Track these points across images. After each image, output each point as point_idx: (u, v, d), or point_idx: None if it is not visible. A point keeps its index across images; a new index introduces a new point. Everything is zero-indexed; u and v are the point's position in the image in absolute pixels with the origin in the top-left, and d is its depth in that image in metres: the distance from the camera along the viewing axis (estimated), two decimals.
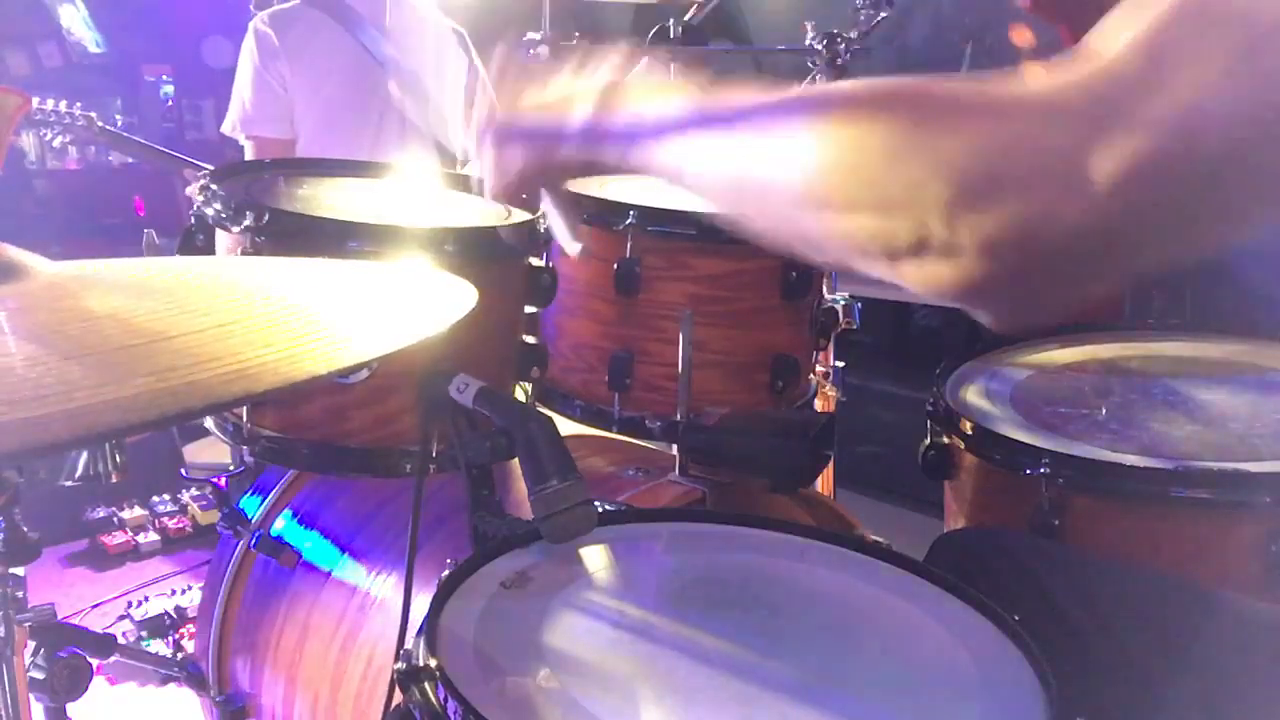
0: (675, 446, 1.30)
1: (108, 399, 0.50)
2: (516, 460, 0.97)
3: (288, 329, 0.62)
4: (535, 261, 1.23)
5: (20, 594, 1.07)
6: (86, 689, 1.13)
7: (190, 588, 2.79)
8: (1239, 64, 0.48)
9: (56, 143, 2.65)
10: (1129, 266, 0.56)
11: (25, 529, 1.05)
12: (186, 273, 0.77)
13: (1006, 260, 0.53)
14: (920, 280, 0.57)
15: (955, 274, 0.55)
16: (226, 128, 2.46)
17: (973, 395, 1.42)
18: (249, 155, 2.39)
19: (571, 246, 0.91)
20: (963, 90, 0.56)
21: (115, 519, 3.17)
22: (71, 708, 1.12)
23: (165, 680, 1.99)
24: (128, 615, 2.66)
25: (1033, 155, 0.52)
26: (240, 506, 1.45)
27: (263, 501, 1.44)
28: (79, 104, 2.70)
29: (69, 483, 1.13)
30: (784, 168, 0.60)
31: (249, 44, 2.39)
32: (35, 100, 2.55)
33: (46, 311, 0.64)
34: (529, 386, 1.32)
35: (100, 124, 2.72)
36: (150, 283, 0.74)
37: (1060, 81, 0.52)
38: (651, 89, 0.74)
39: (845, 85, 0.61)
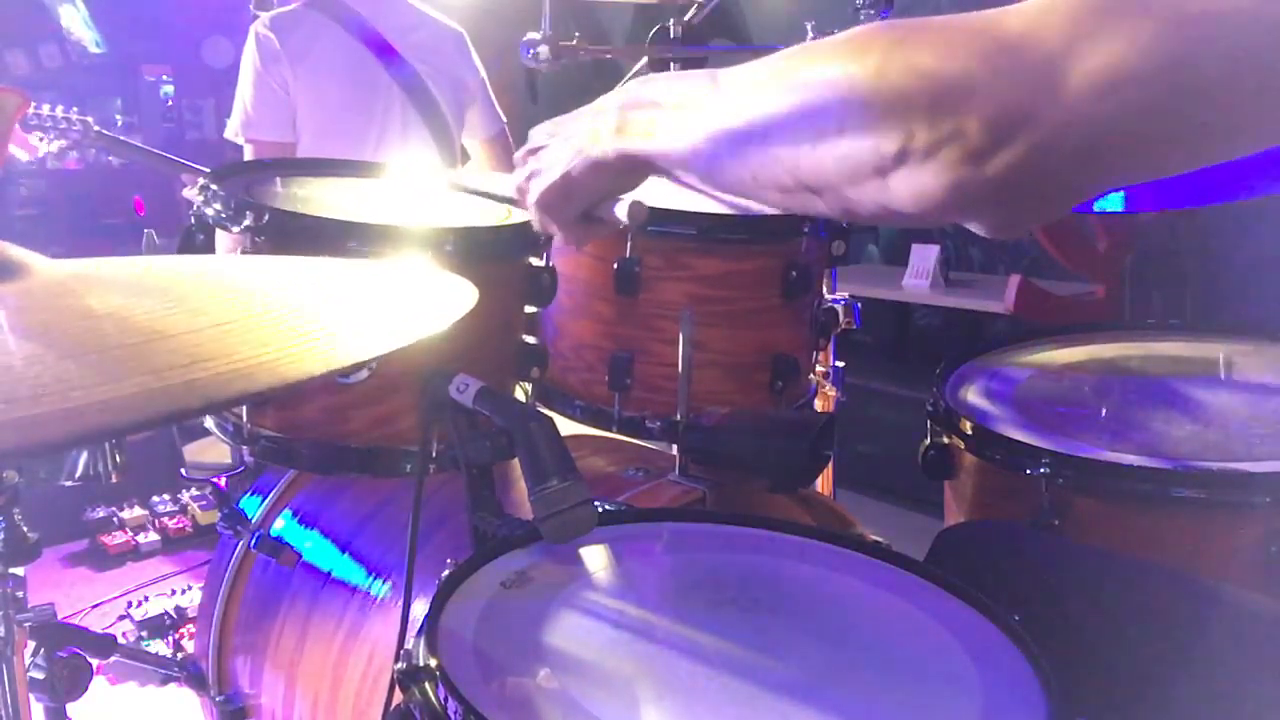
0: (675, 446, 1.30)
1: (104, 398, 0.50)
2: (516, 460, 0.97)
3: (286, 328, 0.62)
4: (535, 261, 1.23)
5: (20, 594, 1.07)
6: (86, 689, 1.13)
7: (190, 588, 2.79)
8: None
9: (54, 148, 2.64)
10: (1121, 174, 0.57)
11: (25, 529, 1.06)
12: (186, 272, 0.77)
13: (989, 160, 0.54)
14: (910, 193, 0.58)
15: (941, 180, 0.56)
16: (229, 133, 2.46)
17: (973, 395, 1.42)
18: (249, 159, 2.39)
19: (628, 212, 0.90)
20: (951, 16, 0.58)
21: (115, 519, 3.18)
22: (71, 708, 1.13)
23: (165, 680, 1.98)
24: (128, 615, 2.66)
25: (1015, 52, 0.53)
26: (240, 506, 1.45)
27: (263, 501, 1.44)
28: (75, 109, 2.69)
29: (69, 483, 1.13)
30: (779, 109, 0.63)
31: (250, 48, 2.39)
32: (31, 106, 2.54)
33: (46, 310, 0.64)
34: (529, 386, 1.32)
35: (97, 129, 2.71)
36: (149, 281, 0.74)
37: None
38: (672, 81, 0.77)
39: (827, 38, 0.63)
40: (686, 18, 1.84)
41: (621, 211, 0.87)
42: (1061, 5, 0.53)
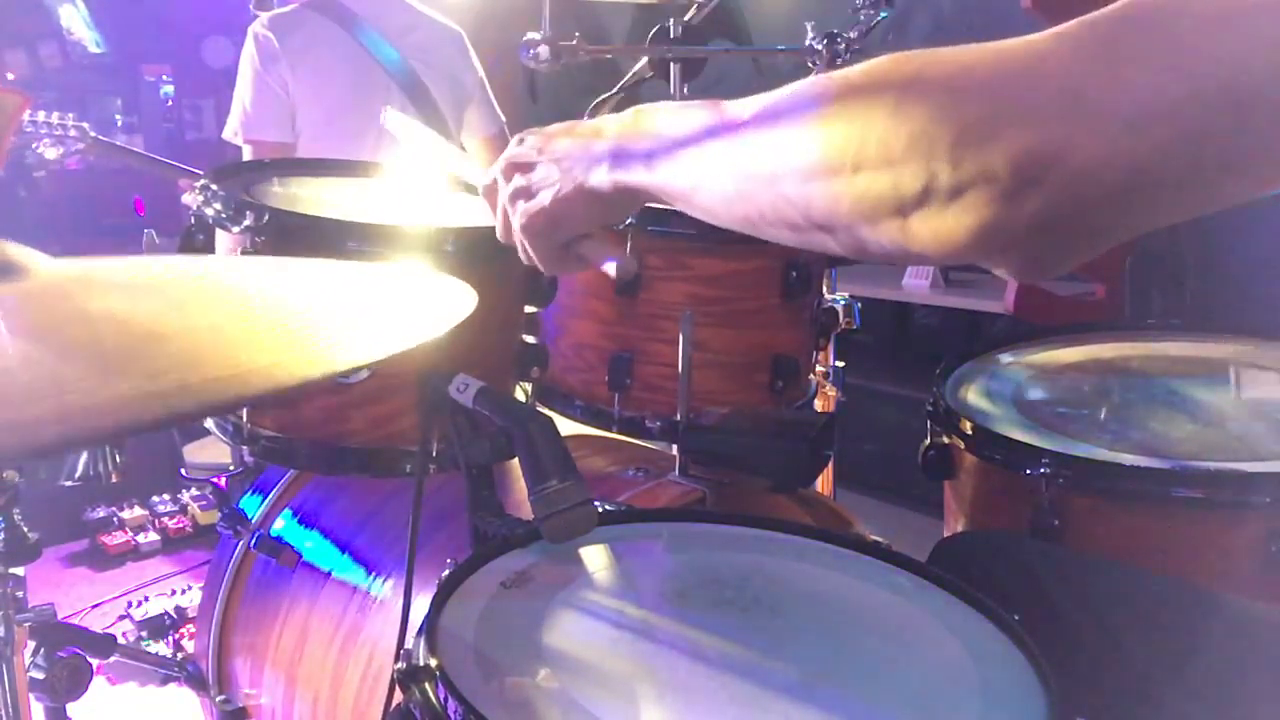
0: (675, 446, 1.30)
1: (99, 400, 0.50)
2: (516, 460, 0.96)
3: (284, 331, 0.62)
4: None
5: (20, 594, 1.07)
6: (86, 689, 1.13)
7: (190, 588, 2.79)
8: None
9: (51, 154, 2.64)
10: (1157, 213, 0.53)
11: (25, 529, 1.06)
12: (185, 272, 0.77)
13: (1015, 201, 0.51)
14: (932, 235, 0.54)
15: (966, 222, 0.53)
16: (228, 133, 2.46)
17: (973, 395, 1.43)
18: (248, 159, 2.39)
19: (618, 268, 0.89)
20: (967, 47, 0.54)
21: (115, 519, 3.17)
22: (71, 708, 1.13)
23: (165, 680, 1.98)
24: (128, 615, 2.66)
25: (1040, 85, 0.50)
26: (240, 506, 1.45)
27: (263, 501, 1.44)
28: (73, 115, 2.69)
29: (69, 483, 1.13)
30: (790, 146, 0.60)
31: (249, 48, 2.39)
32: (27, 114, 2.54)
33: (44, 311, 0.64)
34: (529, 386, 1.32)
35: (93, 134, 2.71)
36: (148, 282, 0.73)
37: (1075, 22, 0.50)
38: (673, 110, 0.74)
39: (842, 70, 0.60)
40: (686, 18, 1.84)
41: (611, 270, 0.85)
42: (1083, 31, 0.50)
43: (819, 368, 1.54)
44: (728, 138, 0.66)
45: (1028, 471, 1.20)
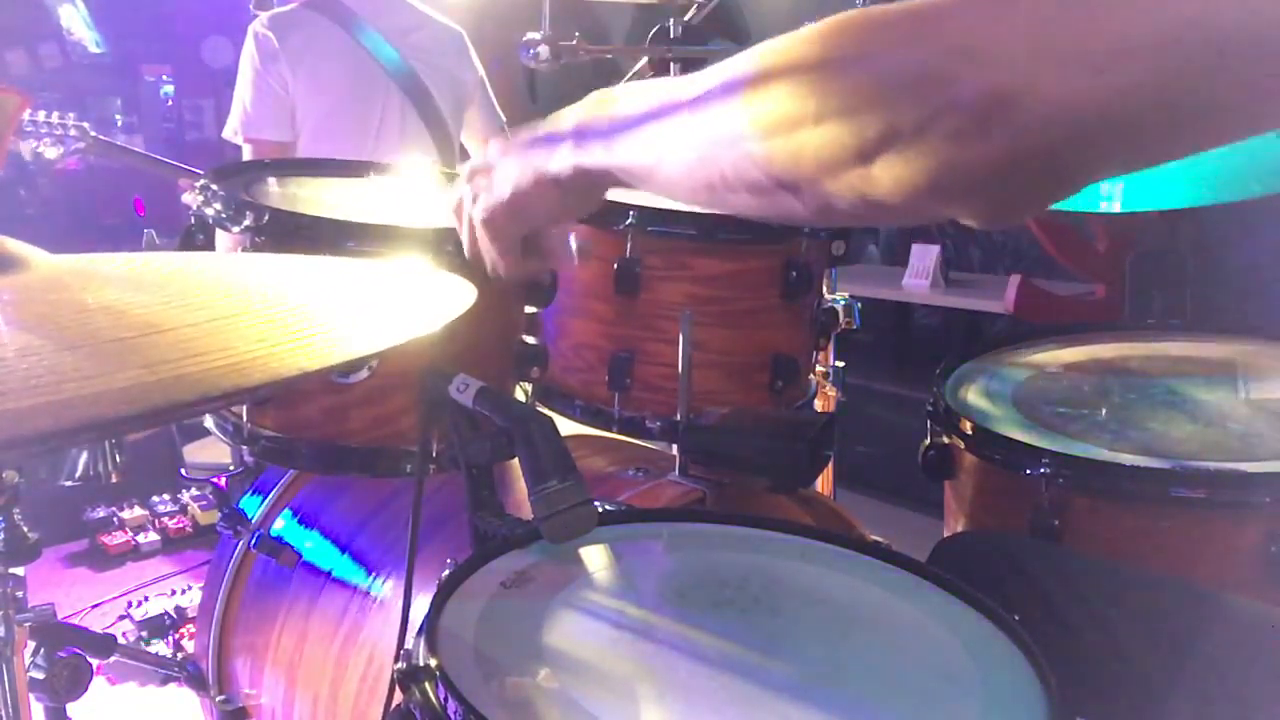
0: (675, 446, 1.30)
1: (96, 391, 0.50)
2: (516, 460, 0.96)
3: (283, 325, 0.62)
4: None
5: (20, 594, 1.07)
6: (86, 689, 1.13)
7: (190, 588, 2.79)
8: None
9: (51, 154, 2.64)
10: (1121, 157, 0.53)
11: (25, 529, 1.06)
12: (184, 268, 0.77)
13: (982, 143, 0.50)
14: (894, 181, 0.53)
15: (928, 165, 0.52)
16: (228, 132, 2.46)
17: (973, 395, 1.42)
18: (247, 158, 2.39)
19: (571, 261, 0.89)
20: None
21: (115, 519, 3.18)
22: (71, 708, 1.13)
23: (165, 680, 1.99)
24: (128, 615, 2.66)
25: (1006, 22, 0.49)
26: (240, 506, 1.45)
27: (263, 501, 1.44)
28: (72, 114, 2.69)
29: (69, 483, 1.13)
30: (752, 104, 0.59)
31: (249, 48, 2.39)
32: (27, 113, 2.54)
33: (41, 303, 0.64)
34: (529, 386, 1.32)
35: (93, 134, 2.71)
36: (147, 277, 0.74)
37: None
38: (633, 90, 0.73)
39: (802, 28, 0.59)
40: (686, 18, 1.84)
41: (571, 246, 0.85)
42: None
43: (819, 368, 1.54)
44: (688, 107, 0.65)
45: (1028, 471, 1.20)
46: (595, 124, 0.73)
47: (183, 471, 2.98)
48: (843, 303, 1.52)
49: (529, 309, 1.28)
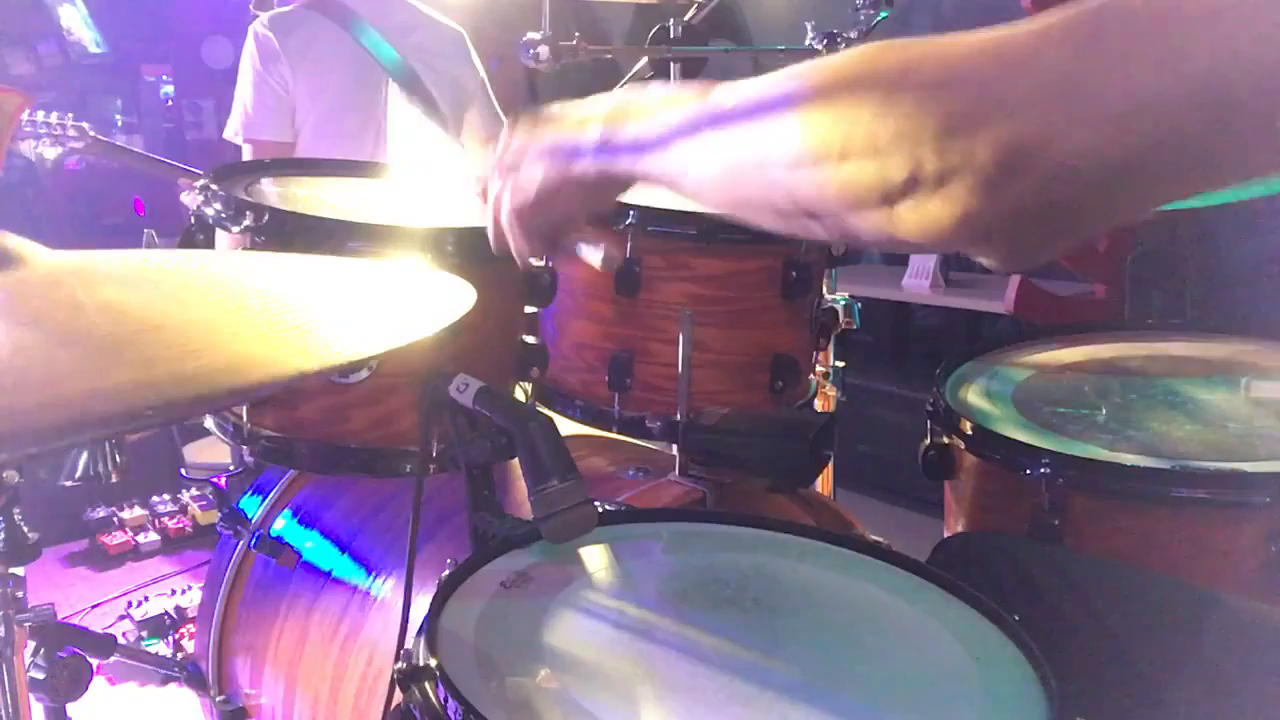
0: (675, 446, 1.30)
1: (93, 388, 0.50)
2: (516, 460, 0.97)
3: (281, 324, 0.62)
4: (535, 261, 1.23)
5: (20, 594, 1.07)
6: (86, 689, 1.13)
7: (190, 588, 2.79)
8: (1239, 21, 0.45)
9: (50, 154, 2.63)
10: (1141, 204, 0.54)
11: (25, 529, 1.05)
12: (183, 266, 0.76)
13: (1001, 191, 0.51)
14: (918, 223, 0.55)
15: (952, 210, 0.53)
16: (229, 133, 2.46)
17: (973, 395, 1.42)
18: (247, 159, 2.39)
19: (603, 260, 0.90)
20: (957, 36, 0.54)
21: (115, 519, 3.18)
22: (71, 708, 1.12)
23: (165, 680, 1.98)
24: (128, 615, 2.66)
25: (1029, 75, 0.50)
26: (240, 506, 1.45)
27: (263, 501, 1.44)
28: (71, 115, 2.69)
29: (69, 483, 1.13)
30: (777, 133, 0.60)
31: (249, 48, 2.39)
32: (25, 114, 2.54)
33: (39, 300, 0.64)
34: (529, 386, 1.32)
35: (93, 134, 2.71)
36: (145, 275, 0.73)
37: (1065, 14, 0.50)
38: (660, 97, 0.74)
39: (828, 58, 0.60)
40: (686, 18, 1.84)
41: (595, 260, 0.86)
42: (1072, 23, 0.50)
43: (819, 368, 1.54)
44: (715, 125, 0.66)
45: (1028, 471, 1.20)
46: (622, 129, 0.75)
47: (183, 471, 2.97)
48: (843, 303, 1.52)
49: (529, 309, 1.28)
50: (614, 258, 0.87)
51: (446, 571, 0.88)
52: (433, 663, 0.73)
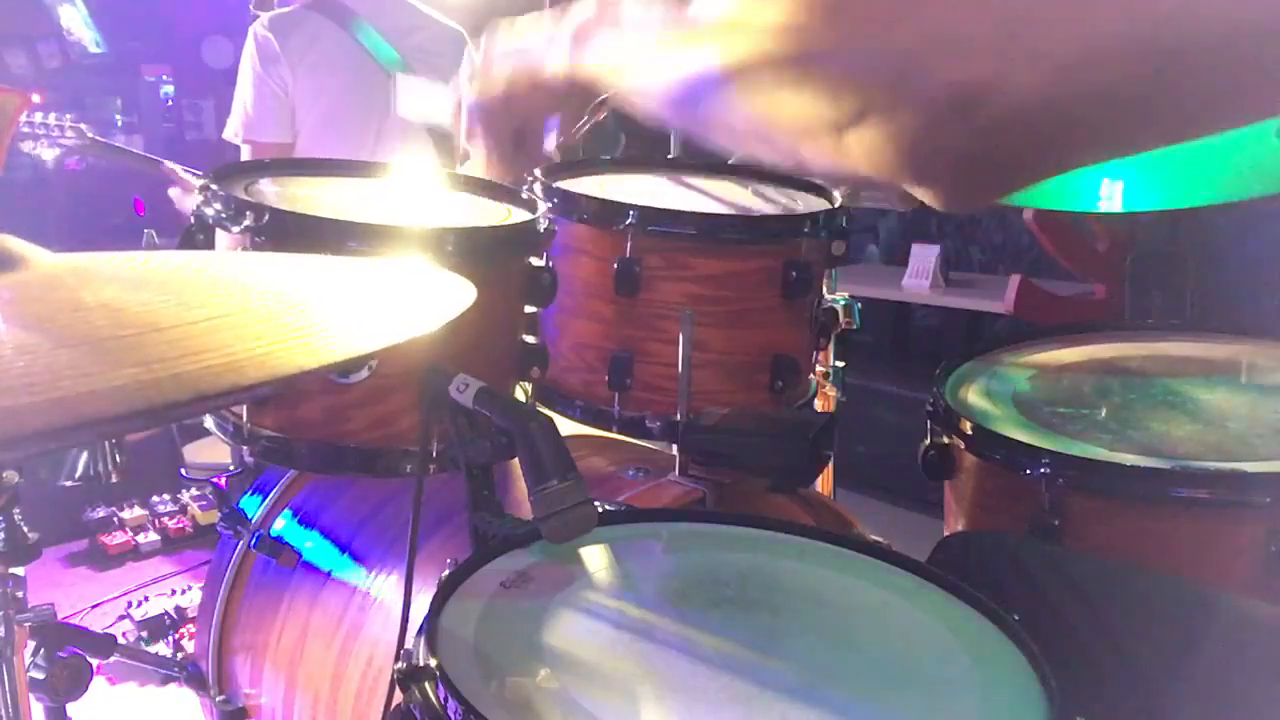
0: (675, 446, 1.30)
1: (92, 388, 0.50)
2: (516, 460, 0.96)
3: (281, 323, 0.62)
4: (535, 261, 1.23)
5: (20, 594, 1.07)
6: (86, 689, 1.13)
7: (190, 588, 2.79)
8: None
9: (48, 155, 2.63)
10: (1091, 151, 0.54)
11: (25, 529, 1.05)
12: (184, 266, 0.76)
13: (952, 130, 0.52)
14: (864, 154, 0.55)
15: (898, 144, 0.53)
16: (229, 133, 2.46)
17: (973, 395, 1.42)
18: (245, 158, 2.39)
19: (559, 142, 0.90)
20: None
21: (115, 519, 3.18)
22: (71, 708, 1.12)
23: (165, 680, 1.98)
24: (128, 615, 2.66)
25: (979, 17, 0.50)
26: (240, 506, 1.45)
27: (263, 501, 1.44)
28: (70, 115, 2.69)
29: (69, 483, 1.13)
30: (739, 55, 0.60)
31: (249, 49, 2.39)
32: (23, 115, 2.54)
33: (40, 301, 0.64)
34: (529, 386, 1.32)
35: (91, 135, 2.71)
36: (146, 275, 0.73)
37: None
38: (636, 10, 0.72)
39: None
40: None
41: (551, 141, 0.87)
42: None
43: (819, 368, 1.54)
44: (683, 41, 0.65)
45: (1028, 471, 1.20)
46: (595, 35, 0.74)
47: (183, 471, 2.97)
48: (843, 303, 1.52)
49: (529, 309, 1.28)
50: (566, 144, 0.88)
51: (446, 571, 0.88)
52: (433, 663, 0.73)
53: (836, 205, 1.38)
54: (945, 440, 1.36)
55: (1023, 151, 0.53)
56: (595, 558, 0.94)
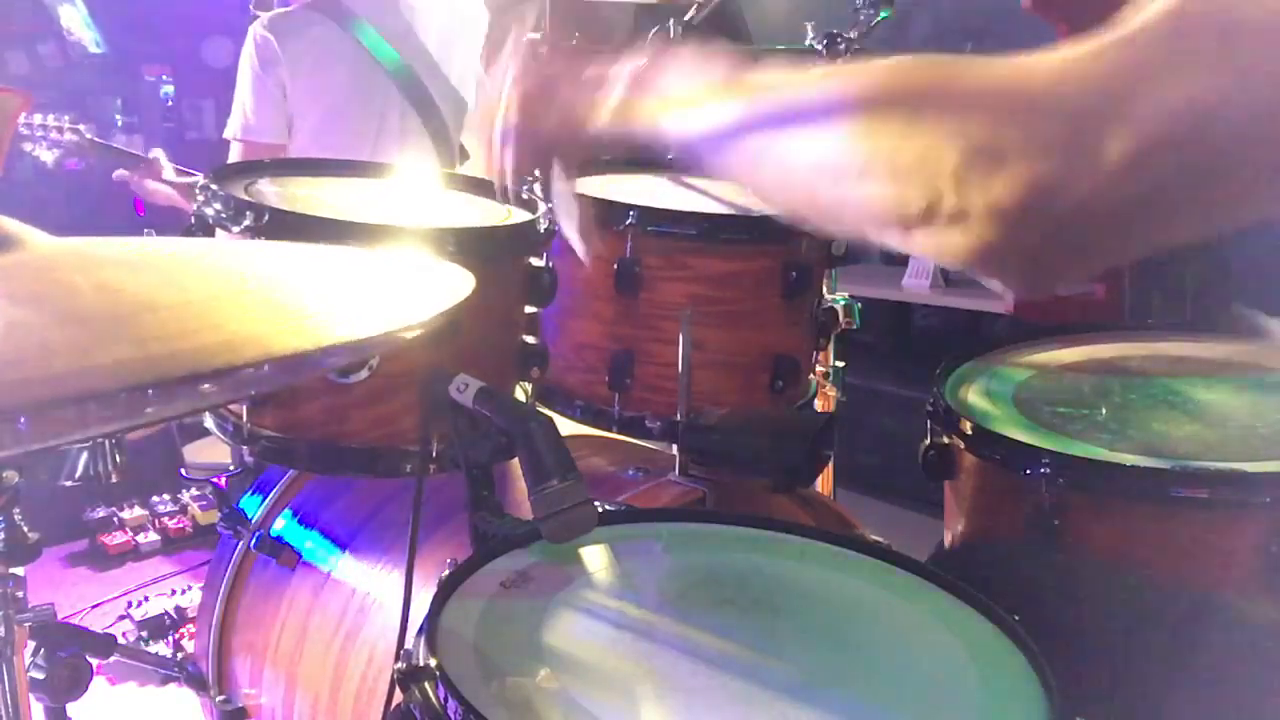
0: (675, 446, 1.30)
1: (85, 366, 0.49)
2: (516, 460, 0.97)
3: (277, 307, 0.61)
4: (535, 261, 1.23)
5: (20, 594, 1.07)
6: (86, 689, 1.13)
7: (190, 588, 2.79)
8: (1223, 63, 0.47)
9: (46, 157, 2.63)
10: (1146, 243, 0.55)
11: (25, 529, 1.05)
12: (182, 253, 0.76)
13: (1017, 228, 0.52)
14: (934, 248, 0.56)
15: (966, 241, 0.54)
16: (229, 133, 2.46)
17: (973, 395, 1.42)
18: (235, 158, 2.39)
19: (581, 248, 0.91)
20: (978, 63, 0.55)
21: (115, 519, 3.17)
22: (71, 708, 1.12)
23: (165, 680, 1.99)
24: (128, 615, 2.66)
25: (1044, 123, 0.51)
26: (240, 506, 1.45)
27: (263, 501, 1.44)
28: (68, 117, 2.68)
29: (69, 483, 1.13)
30: (803, 137, 0.61)
31: (249, 50, 2.39)
32: (22, 116, 2.54)
33: (36, 281, 0.63)
34: (529, 386, 1.32)
35: (89, 136, 2.71)
36: (145, 259, 0.73)
37: (1078, 52, 0.51)
38: (693, 66, 0.73)
39: (862, 67, 0.60)
40: (687, 18, 1.84)
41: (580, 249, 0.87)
42: (1091, 60, 0.50)
43: (819, 368, 1.54)
44: (744, 117, 0.66)
45: (1028, 471, 1.20)
46: (642, 99, 0.74)
47: (183, 471, 2.97)
48: (843, 303, 1.52)
49: (529, 309, 1.28)
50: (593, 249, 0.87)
51: (446, 571, 0.88)
52: (433, 663, 0.73)
53: None
54: (945, 440, 1.35)
55: (1090, 246, 0.54)
56: (595, 558, 0.94)
